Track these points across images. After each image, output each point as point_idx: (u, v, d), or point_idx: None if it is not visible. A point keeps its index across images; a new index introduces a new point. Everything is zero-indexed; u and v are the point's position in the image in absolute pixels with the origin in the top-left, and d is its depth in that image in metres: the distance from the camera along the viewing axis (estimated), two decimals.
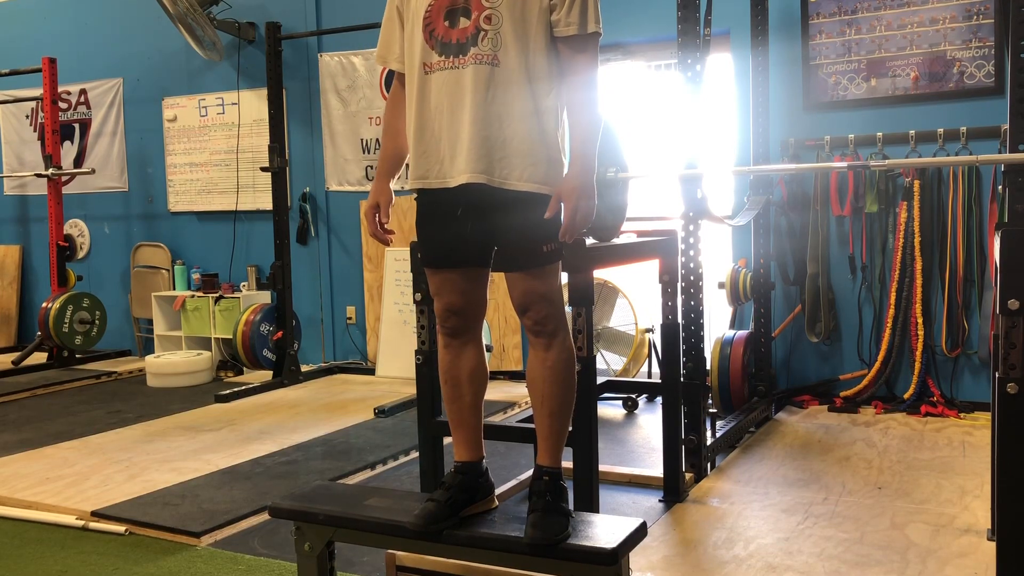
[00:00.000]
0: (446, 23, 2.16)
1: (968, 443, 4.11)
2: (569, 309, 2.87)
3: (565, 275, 2.74)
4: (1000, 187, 4.26)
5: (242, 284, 6.61)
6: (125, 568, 3.02)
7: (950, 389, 4.77)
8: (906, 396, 4.75)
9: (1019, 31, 2.67)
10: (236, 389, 5.64)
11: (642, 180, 3.85)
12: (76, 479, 3.93)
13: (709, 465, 3.82)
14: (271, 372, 6.02)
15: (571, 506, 2.27)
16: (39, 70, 6.65)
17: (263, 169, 6.05)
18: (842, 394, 4.90)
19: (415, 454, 4.01)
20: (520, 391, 5.40)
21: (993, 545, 2.54)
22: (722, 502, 3.42)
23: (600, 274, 4.98)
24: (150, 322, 6.94)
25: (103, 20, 7.22)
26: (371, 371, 6.16)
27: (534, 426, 2.33)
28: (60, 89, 6.84)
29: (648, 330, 5.45)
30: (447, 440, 2.78)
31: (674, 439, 3.49)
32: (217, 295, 6.44)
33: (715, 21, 4.16)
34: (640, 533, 2.20)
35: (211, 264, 6.88)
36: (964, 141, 4.62)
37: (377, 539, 2.36)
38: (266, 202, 6.36)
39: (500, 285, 5.10)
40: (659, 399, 4.44)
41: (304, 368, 6.28)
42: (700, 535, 3.10)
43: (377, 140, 6.18)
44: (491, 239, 2.24)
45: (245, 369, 6.27)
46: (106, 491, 3.73)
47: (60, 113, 6.89)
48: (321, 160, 6.50)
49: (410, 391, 5.06)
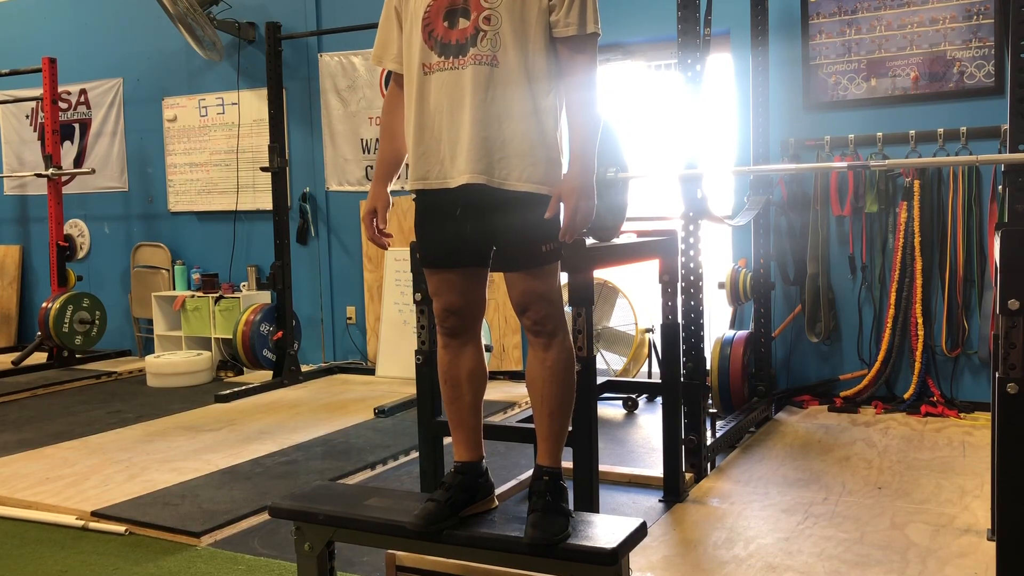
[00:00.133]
0: (445, 24, 2.16)
1: (968, 443, 4.11)
2: (569, 309, 2.87)
3: (565, 275, 2.74)
4: (1000, 187, 4.26)
5: (242, 284, 6.61)
6: (125, 568, 3.02)
7: (950, 389, 4.77)
8: (906, 396, 4.75)
9: (1019, 31, 2.67)
10: (236, 389, 5.64)
11: (642, 180, 3.85)
12: (76, 479, 3.93)
13: (709, 465, 3.82)
14: (271, 372, 6.02)
15: (571, 506, 2.27)
16: (39, 70, 6.65)
17: (263, 169, 6.05)
18: (842, 394, 4.90)
19: (415, 454, 4.02)
20: (520, 391, 5.40)
21: (993, 545, 2.54)
22: (722, 502, 3.43)
23: (600, 274, 4.98)
24: (150, 322, 6.94)
25: (103, 20, 7.23)
26: (371, 371, 6.16)
27: (534, 426, 2.34)
28: (60, 89, 6.84)
29: (648, 330, 5.45)
30: (447, 440, 2.78)
31: (674, 439, 3.49)
32: (217, 295, 6.44)
33: (715, 21, 4.16)
34: (640, 533, 2.20)
35: (211, 264, 6.88)
36: (964, 141, 4.62)
37: (377, 539, 2.36)
38: (266, 202, 6.36)
39: (500, 285, 5.10)
40: (659, 399, 4.45)
41: (304, 368, 6.28)
42: (700, 535, 3.10)
43: (377, 140, 6.18)
44: (490, 239, 2.24)
45: (245, 369, 6.27)
46: (106, 491, 3.73)
47: (60, 113, 6.89)
48: (321, 160, 6.50)
49: (410, 391, 5.06)
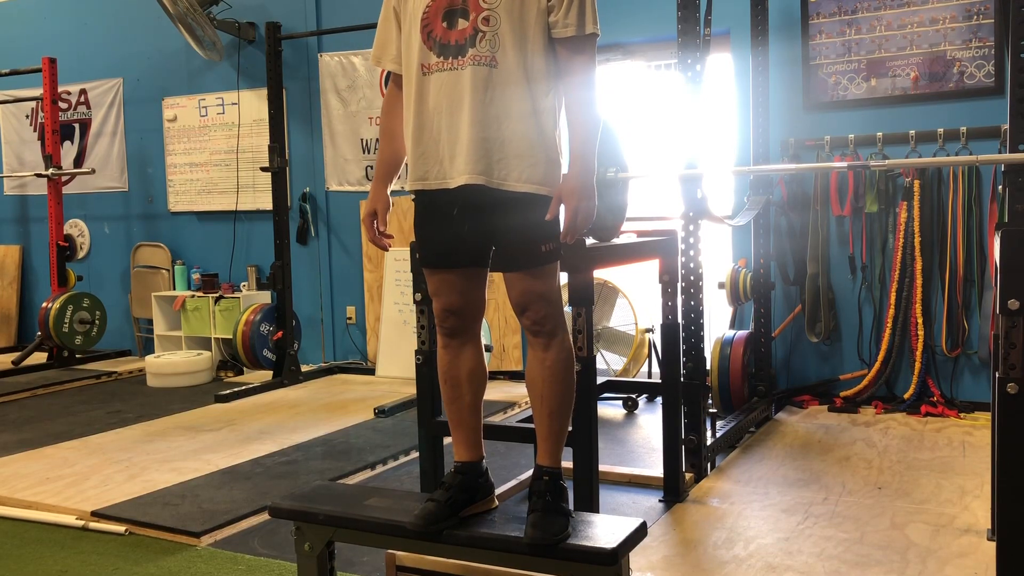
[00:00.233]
0: (444, 24, 2.16)
1: (968, 443, 4.11)
2: (569, 309, 2.87)
3: (564, 275, 2.74)
4: (1000, 187, 4.26)
5: (242, 284, 6.61)
6: (125, 568, 3.02)
7: (950, 389, 4.77)
8: (906, 396, 4.75)
9: (1019, 31, 2.67)
10: (236, 389, 5.64)
11: (642, 180, 3.85)
12: (76, 479, 3.93)
13: (709, 465, 3.82)
14: (271, 372, 6.02)
15: (571, 506, 2.27)
16: (39, 70, 6.65)
17: (263, 169, 6.05)
18: (842, 394, 4.90)
19: (415, 454, 4.02)
20: (520, 391, 5.40)
21: (993, 545, 2.54)
22: (722, 502, 3.42)
23: (600, 274, 4.98)
24: (150, 322, 6.94)
25: (103, 20, 7.23)
26: (371, 371, 6.16)
27: (534, 426, 2.34)
28: (60, 89, 6.84)
29: (648, 330, 5.45)
30: (447, 440, 2.78)
31: (674, 439, 3.49)
32: (217, 295, 6.44)
33: (715, 21, 4.16)
34: (640, 533, 2.20)
35: (211, 264, 6.88)
36: (964, 141, 4.62)
37: (377, 539, 2.36)
38: (266, 202, 6.36)
39: (500, 285, 5.10)
40: (659, 399, 4.44)
41: (304, 368, 6.28)
42: (700, 535, 3.10)
43: (377, 140, 6.18)
44: (489, 239, 2.24)
45: (245, 369, 6.27)
46: (106, 491, 3.73)
47: (60, 113, 6.89)
48: (321, 160, 6.50)
49: (410, 391, 5.06)
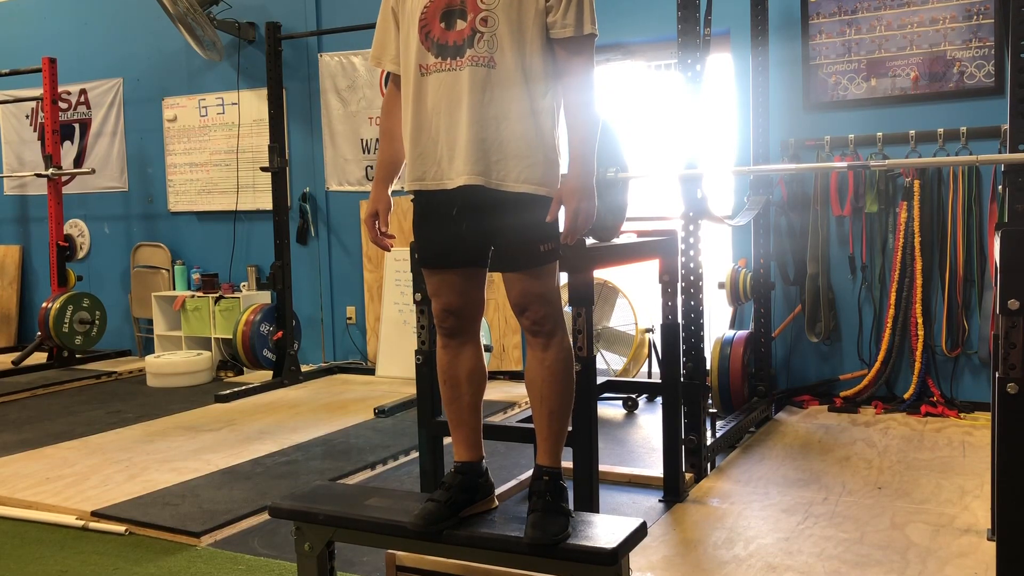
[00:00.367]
0: (442, 25, 2.16)
1: (968, 443, 4.11)
2: (569, 309, 2.88)
3: (564, 275, 2.74)
4: (1000, 187, 4.26)
5: (242, 284, 6.61)
6: (125, 568, 3.02)
7: (950, 389, 4.77)
8: (906, 396, 4.75)
9: (1019, 31, 2.66)
10: (236, 389, 5.64)
11: (642, 180, 3.85)
12: (76, 479, 3.93)
13: (709, 465, 3.82)
14: (271, 372, 6.02)
15: (571, 506, 2.27)
16: (39, 70, 6.65)
17: (263, 169, 6.05)
18: (842, 394, 4.90)
19: (415, 454, 4.02)
20: (520, 391, 5.40)
21: (993, 545, 2.54)
22: (722, 502, 3.42)
23: (600, 274, 4.98)
24: (150, 322, 6.94)
25: (103, 20, 7.23)
26: (371, 371, 6.16)
27: (534, 426, 2.34)
28: (60, 89, 6.84)
29: (648, 330, 5.45)
30: (447, 440, 2.78)
31: (674, 439, 3.49)
32: (217, 295, 6.44)
33: (715, 21, 4.16)
34: (640, 533, 2.20)
35: (211, 264, 6.88)
36: (964, 141, 4.62)
37: (377, 539, 2.36)
38: (266, 202, 6.36)
39: (500, 285, 5.10)
40: (659, 399, 4.44)
41: (304, 368, 6.28)
42: (700, 535, 3.10)
43: (377, 140, 6.18)
44: (488, 239, 2.24)
45: (245, 369, 6.27)
46: (106, 491, 3.73)
47: (60, 113, 6.89)
48: (321, 160, 6.50)
49: (410, 391, 5.06)
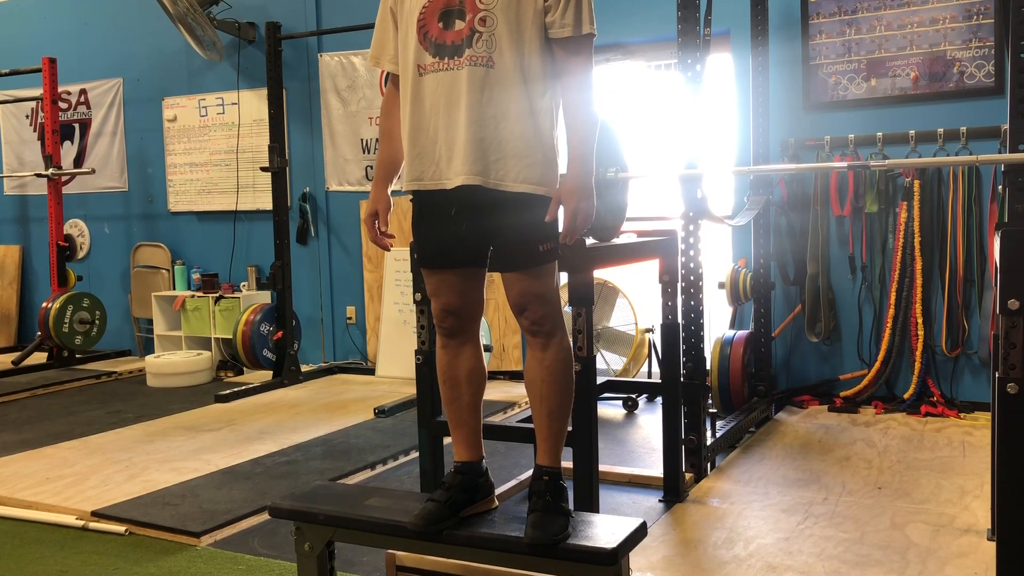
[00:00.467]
0: (440, 25, 2.16)
1: (968, 443, 4.11)
2: (569, 309, 2.88)
3: (564, 275, 2.74)
4: (1000, 187, 4.26)
5: (242, 284, 6.61)
6: (125, 568, 3.02)
7: (950, 389, 4.77)
8: (906, 396, 4.75)
9: (1019, 31, 2.66)
10: (236, 389, 5.64)
11: (642, 180, 3.85)
12: (76, 479, 3.93)
13: (709, 465, 3.82)
14: (271, 372, 6.02)
15: (571, 506, 2.27)
16: (39, 70, 6.65)
17: (263, 169, 6.05)
18: (842, 394, 4.90)
19: (415, 454, 4.02)
20: (520, 391, 5.40)
21: (993, 545, 2.54)
22: (722, 502, 3.42)
23: (600, 274, 4.98)
24: (150, 322, 6.94)
25: (103, 20, 7.23)
26: (371, 371, 6.16)
27: (533, 426, 2.33)
28: (60, 89, 6.84)
29: (648, 330, 5.45)
30: (447, 440, 2.78)
31: (674, 439, 3.49)
32: (217, 295, 6.44)
33: (715, 21, 4.16)
34: (640, 533, 2.20)
35: (211, 264, 6.88)
36: (964, 141, 4.62)
37: (377, 539, 2.36)
38: (266, 202, 6.36)
39: (500, 285, 5.10)
40: (659, 399, 4.44)
41: (304, 368, 6.28)
42: (700, 535, 3.10)
43: (377, 140, 6.18)
44: (487, 239, 2.24)
45: (245, 369, 6.27)
46: (106, 491, 3.73)
47: (60, 113, 6.89)
48: (321, 160, 6.50)
49: (410, 391, 5.06)
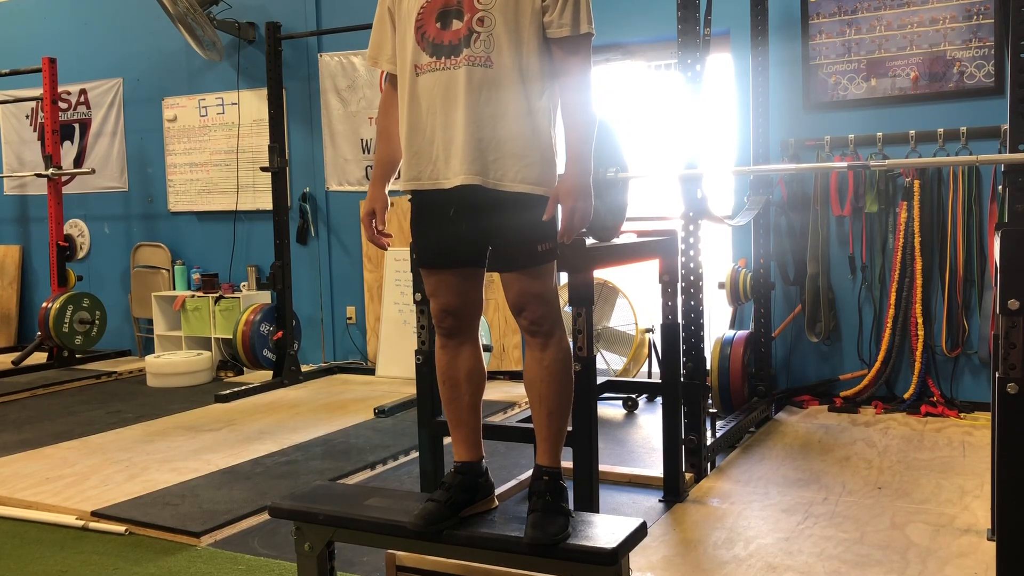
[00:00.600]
0: (438, 24, 2.16)
1: (968, 443, 4.11)
2: (569, 309, 2.88)
3: (563, 275, 2.74)
4: (1000, 187, 4.26)
5: (242, 284, 6.61)
6: (125, 568, 3.02)
7: (950, 389, 4.77)
8: (906, 396, 4.75)
9: (1019, 31, 2.66)
10: (236, 389, 5.64)
11: (642, 180, 3.85)
12: (76, 479, 3.93)
13: (709, 465, 3.82)
14: (271, 372, 6.02)
15: (571, 506, 2.27)
16: (39, 70, 6.65)
17: (263, 169, 6.05)
18: (842, 394, 4.90)
19: (415, 454, 4.02)
20: (520, 391, 5.40)
21: (993, 545, 2.54)
22: (722, 502, 3.42)
23: (600, 274, 4.98)
24: (150, 322, 6.94)
25: (103, 20, 7.23)
26: (371, 371, 6.16)
27: (533, 426, 2.33)
28: (60, 89, 6.84)
29: (648, 330, 5.45)
30: (447, 440, 2.78)
31: (674, 439, 3.49)
32: (217, 295, 6.44)
33: (715, 21, 4.16)
34: (640, 533, 2.20)
35: (211, 264, 6.88)
36: (964, 141, 4.62)
37: (377, 539, 2.36)
38: (266, 202, 6.36)
39: (500, 285, 5.10)
40: (659, 399, 4.44)
41: (304, 368, 6.28)
42: (700, 535, 3.10)
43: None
44: (486, 239, 2.24)
45: (245, 369, 6.27)
46: (106, 491, 3.73)
47: (60, 113, 6.89)
48: (321, 160, 6.50)
49: (410, 391, 5.06)
